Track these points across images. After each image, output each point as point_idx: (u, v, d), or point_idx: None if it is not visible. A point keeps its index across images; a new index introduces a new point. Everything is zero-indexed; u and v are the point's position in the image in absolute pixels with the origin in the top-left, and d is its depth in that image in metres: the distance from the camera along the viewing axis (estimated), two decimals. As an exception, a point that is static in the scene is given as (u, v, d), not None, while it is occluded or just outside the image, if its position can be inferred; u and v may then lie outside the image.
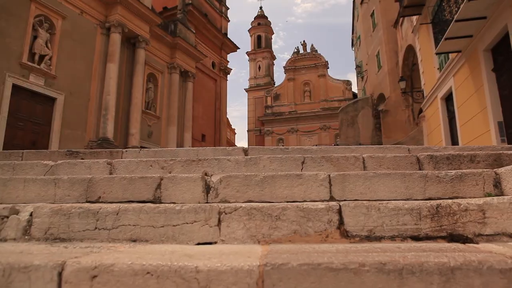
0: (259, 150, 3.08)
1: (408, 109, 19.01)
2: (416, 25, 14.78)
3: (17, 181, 2.04)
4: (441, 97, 12.82)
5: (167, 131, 23.41)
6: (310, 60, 42.64)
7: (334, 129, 39.96)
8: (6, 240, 1.49)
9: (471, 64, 10.12)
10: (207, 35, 27.35)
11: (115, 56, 18.53)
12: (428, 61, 14.13)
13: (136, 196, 2.01)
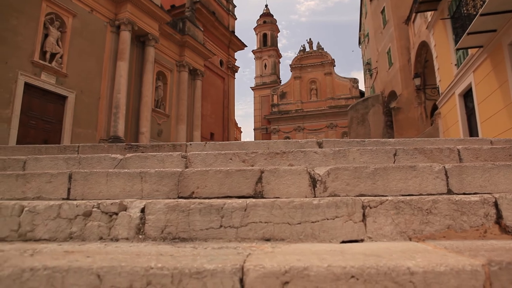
0: (334, 142, 2.94)
1: (421, 106, 18.83)
2: (431, 21, 14.59)
3: (98, 175, 1.92)
4: (459, 94, 12.64)
5: (176, 129, 23.35)
6: (316, 58, 42.44)
7: (341, 127, 39.79)
8: (117, 240, 1.35)
9: (494, 59, 9.94)
10: (215, 33, 27.24)
11: (125, 54, 18.47)
12: (444, 57, 13.94)
13: (235, 191, 1.85)
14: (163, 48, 21.91)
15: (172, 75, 23.13)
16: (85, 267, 0.90)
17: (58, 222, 1.38)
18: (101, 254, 1.09)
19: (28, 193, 2.05)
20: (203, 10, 25.45)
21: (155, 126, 21.97)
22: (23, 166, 2.68)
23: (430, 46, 15.45)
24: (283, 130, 42.31)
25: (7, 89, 13.98)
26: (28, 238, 1.37)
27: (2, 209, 1.39)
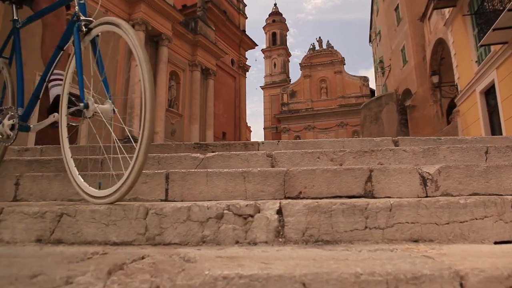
0: (410, 140, 2.92)
1: (436, 104, 18.67)
2: (450, 17, 14.44)
3: (197, 175, 1.88)
4: (480, 91, 12.50)
5: (189, 129, 23.40)
6: (326, 56, 42.29)
7: (351, 126, 39.64)
8: (256, 244, 1.30)
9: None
10: (226, 32, 27.25)
11: (139, 54, 18.54)
12: (464, 54, 13.79)
13: (344, 191, 1.82)
14: (175, 47, 21.96)
15: (185, 74, 23.18)
16: (287, 275, 0.88)
17: (189, 225, 1.35)
18: (266, 260, 1.06)
19: None
20: (214, 10, 25.47)
21: (169, 126, 22.02)
22: (99, 166, 2.68)
23: (448, 43, 15.28)
24: (293, 129, 42.25)
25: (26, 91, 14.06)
26: (157, 242, 1.34)
27: (127, 211, 1.38)
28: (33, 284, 0.93)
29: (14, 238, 1.42)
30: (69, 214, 1.40)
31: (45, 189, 2.07)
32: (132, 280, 0.92)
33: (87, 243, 1.37)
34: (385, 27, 24.12)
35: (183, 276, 0.93)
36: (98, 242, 1.37)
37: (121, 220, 1.38)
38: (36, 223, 1.42)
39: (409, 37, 19.56)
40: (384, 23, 24.35)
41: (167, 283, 0.89)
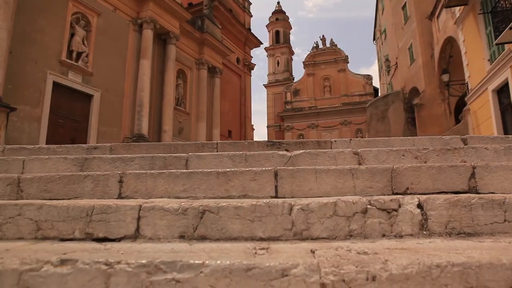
0: (478, 138, 2.97)
1: (444, 103, 18.74)
2: (461, 16, 14.48)
3: (306, 172, 1.93)
4: (492, 89, 12.55)
5: (196, 127, 23.41)
6: (329, 55, 42.31)
7: (355, 124, 39.71)
8: (402, 236, 1.36)
9: (535, 54, 9.86)
10: (232, 30, 27.23)
11: (148, 53, 18.54)
12: (475, 53, 13.84)
13: (448, 186, 1.88)
14: (182, 46, 21.95)
15: (192, 73, 23.18)
16: (497, 263, 0.92)
17: (336, 220, 1.39)
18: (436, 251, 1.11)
19: (232, 191, 2.07)
20: (220, 8, 25.45)
21: (176, 124, 22.02)
22: (185, 163, 2.71)
23: (458, 41, 15.33)
24: (297, 127, 42.27)
25: (37, 89, 14.08)
26: (304, 237, 1.38)
27: (272, 207, 1.41)
28: (249, 276, 0.97)
29: (157, 235, 1.46)
30: (212, 211, 1.44)
31: (150, 187, 2.12)
32: (344, 270, 0.97)
33: (232, 239, 1.40)
34: (391, 26, 24.16)
35: (392, 266, 0.97)
36: (244, 238, 1.40)
37: (266, 216, 1.42)
38: (178, 220, 1.46)
39: (417, 36, 19.61)
40: (390, 21, 24.39)
41: (382, 272, 0.93)
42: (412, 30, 20.39)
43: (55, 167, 2.72)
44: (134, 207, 1.54)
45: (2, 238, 1.65)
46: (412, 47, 20.57)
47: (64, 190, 2.21)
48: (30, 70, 13.71)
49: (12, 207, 1.69)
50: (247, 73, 29.65)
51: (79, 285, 1.11)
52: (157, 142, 18.90)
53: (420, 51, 19.72)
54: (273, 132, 43.87)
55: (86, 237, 1.60)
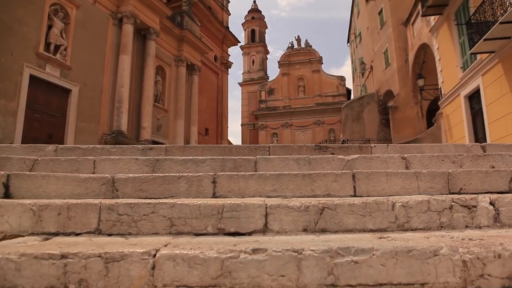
0: (495, 146, 3.37)
1: (417, 106, 19.72)
2: (436, 24, 15.33)
3: (379, 175, 2.23)
4: (464, 95, 13.41)
5: (175, 124, 23.27)
6: (304, 55, 43.07)
7: (328, 124, 40.70)
8: (480, 227, 1.72)
9: (506, 64, 10.67)
10: (210, 28, 27.21)
11: (127, 48, 18.25)
12: (448, 60, 14.70)
13: (494, 187, 2.25)
14: (162, 42, 21.74)
15: (171, 70, 23.00)
16: None
17: (429, 215, 1.70)
18: None
19: (316, 191, 2.34)
20: (199, 5, 25.37)
21: (155, 121, 21.80)
22: (254, 166, 2.92)
23: (432, 48, 16.21)
24: (271, 126, 42.76)
25: (13, 81, 13.59)
26: (405, 228, 1.68)
27: (379, 204, 1.69)
28: (409, 256, 1.26)
29: (283, 229, 1.70)
30: (330, 208, 1.71)
31: (242, 187, 2.34)
32: (475, 251, 1.28)
33: (347, 231, 1.68)
34: (367, 30, 25.04)
35: (509, 247, 1.29)
36: (358, 230, 1.69)
37: (375, 212, 1.71)
38: (301, 216, 1.72)
39: (392, 41, 20.46)
40: (366, 25, 25.26)
41: (503, 252, 1.26)
42: (388, 35, 21.24)
43: (127, 167, 2.85)
44: (261, 205, 1.77)
45: (138, 233, 1.83)
46: (388, 52, 21.42)
47: (159, 189, 2.38)
48: (6, 62, 13.18)
49: (145, 206, 1.85)
50: (225, 71, 29.73)
51: (275, 268, 1.35)
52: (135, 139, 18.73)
53: (395, 55, 20.58)
54: (247, 131, 44.17)
55: (219, 232, 1.81)
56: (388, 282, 1.35)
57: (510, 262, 1.34)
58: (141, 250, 1.39)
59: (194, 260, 1.35)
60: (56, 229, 1.82)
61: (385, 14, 21.42)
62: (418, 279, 1.36)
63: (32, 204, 1.83)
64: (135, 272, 1.33)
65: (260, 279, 1.33)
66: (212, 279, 1.33)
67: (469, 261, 1.35)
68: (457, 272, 1.36)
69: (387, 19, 21.27)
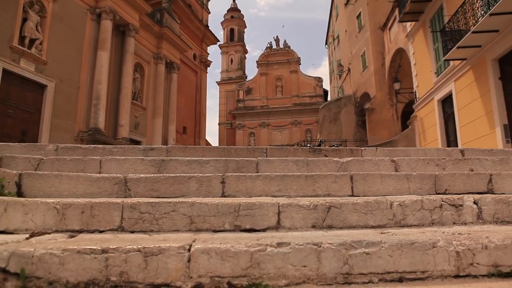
0: (473, 151, 3.65)
1: (393, 108, 20.38)
2: (412, 30, 15.93)
3: (374, 176, 2.43)
4: (438, 99, 14.03)
5: (153, 122, 23.08)
6: (283, 55, 43.48)
7: (305, 124, 41.27)
8: (466, 224, 1.94)
9: (476, 71, 11.27)
10: (190, 26, 27.10)
11: (106, 44, 17.97)
12: (423, 65, 15.32)
13: (474, 188, 2.50)
14: (141, 39, 21.50)
15: (149, 67, 22.79)
16: None
17: (422, 212, 1.91)
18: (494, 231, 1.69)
19: (318, 191, 2.52)
20: (179, 2, 25.23)
21: (132, 119, 21.54)
22: (256, 167, 3.06)
23: (408, 53, 16.82)
24: (248, 126, 42.94)
25: (-14, 79, 13.18)
26: (402, 224, 1.89)
27: (379, 203, 1.89)
28: (413, 248, 1.46)
29: (294, 225, 1.88)
30: (336, 206, 1.89)
31: (250, 187, 2.49)
32: (465, 243, 1.50)
33: (351, 227, 1.87)
34: (345, 33, 25.62)
35: (494, 240, 1.52)
36: (360, 226, 1.88)
37: (375, 210, 1.91)
38: (310, 214, 1.90)
39: (370, 44, 21.04)
40: (344, 28, 25.83)
41: (489, 243, 1.48)
42: (365, 38, 21.82)
43: (133, 167, 2.94)
44: (274, 204, 1.93)
45: (160, 230, 1.94)
46: (365, 55, 22.00)
47: (171, 189, 2.49)
48: (-22, 55, 12.78)
49: (166, 205, 1.97)
50: (203, 70, 29.67)
51: (298, 259, 1.51)
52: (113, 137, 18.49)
53: (372, 59, 21.17)
54: (224, 130, 44.19)
55: (235, 229, 1.95)
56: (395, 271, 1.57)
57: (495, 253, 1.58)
58: (177, 245, 1.52)
59: (226, 253, 1.50)
60: (79, 226, 1.91)
61: (363, 18, 21.99)
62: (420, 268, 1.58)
63: (55, 202, 1.91)
64: (173, 264, 1.47)
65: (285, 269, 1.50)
66: (242, 270, 1.49)
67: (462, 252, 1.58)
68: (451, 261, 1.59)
69: (365, 23, 21.84)
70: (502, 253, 1.60)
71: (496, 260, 1.58)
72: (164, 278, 1.45)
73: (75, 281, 1.40)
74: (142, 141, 21.71)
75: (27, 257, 1.36)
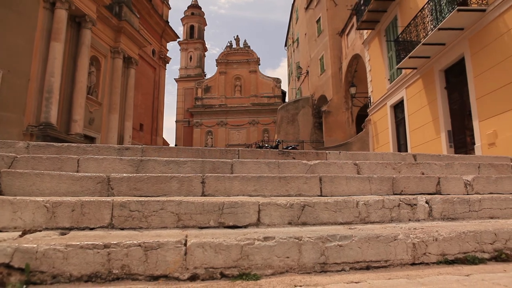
0: (423, 156, 4.03)
1: (348, 111, 21.31)
2: (368, 38, 16.79)
3: (340, 178, 2.65)
4: (390, 105, 14.93)
5: (108, 118, 22.41)
6: (242, 55, 43.69)
7: (262, 124, 41.81)
8: (419, 220, 2.23)
9: (425, 80, 12.16)
10: (150, 21, 26.55)
11: (60, 35, 17.22)
12: (378, 71, 16.21)
13: (425, 189, 2.81)
14: (98, 32, 20.79)
15: (106, 61, 22.09)
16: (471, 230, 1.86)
17: (383, 211, 2.16)
18: (442, 226, 2.02)
19: (290, 191, 2.71)
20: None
21: (87, 114, 20.81)
22: (231, 168, 3.18)
23: (364, 60, 17.69)
24: (206, 124, 42.74)
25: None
26: (366, 221, 2.12)
27: (347, 202, 2.12)
28: (378, 241, 1.71)
29: (273, 222, 2.07)
30: (309, 205, 2.11)
31: (228, 187, 2.65)
32: (420, 236, 1.80)
33: (323, 224, 2.10)
34: (305, 36, 26.32)
35: (443, 233, 1.82)
36: (331, 222, 2.11)
37: (344, 209, 2.15)
38: (287, 212, 2.10)
39: (328, 49, 21.81)
40: (304, 31, 26.52)
41: (438, 236, 1.79)
42: (324, 43, 22.58)
43: (111, 167, 2.96)
44: (255, 203, 2.10)
45: (149, 227, 2.03)
46: (324, 59, 22.76)
47: (153, 188, 2.57)
48: None
49: (155, 203, 2.06)
50: (162, 66, 29.18)
51: (282, 251, 1.70)
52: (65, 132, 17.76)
53: (330, 63, 21.96)
54: (181, 128, 43.66)
55: (219, 225, 2.10)
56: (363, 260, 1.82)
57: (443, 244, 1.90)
58: (174, 239, 1.66)
59: (219, 246, 1.67)
60: (70, 224, 1.97)
61: (323, 23, 22.73)
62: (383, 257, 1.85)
63: (45, 201, 1.95)
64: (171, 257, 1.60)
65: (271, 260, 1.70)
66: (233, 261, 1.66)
67: (417, 243, 1.87)
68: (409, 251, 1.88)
69: (324, 28, 22.59)
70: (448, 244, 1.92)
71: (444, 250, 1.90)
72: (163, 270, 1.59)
73: (78, 274, 1.49)
74: (97, 138, 21.04)
75: (31, 252, 1.44)
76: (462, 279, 1.67)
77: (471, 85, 9.52)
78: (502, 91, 8.38)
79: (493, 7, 8.64)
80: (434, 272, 1.81)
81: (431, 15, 10.06)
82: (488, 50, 8.85)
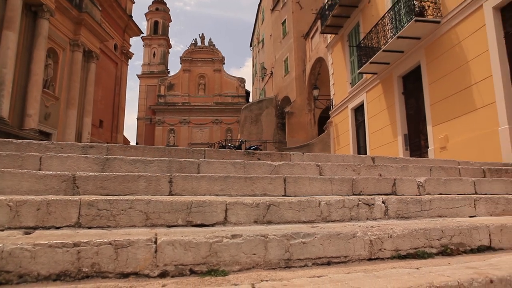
0: (381, 159, 4.24)
1: (311, 113, 21.80)
2: (331, 42, 17.28)
3: (304, 179, 2.74)
4: (351, 108, 15.47)
5: (66, 114, 21.54)
6: (207, 53, 43.39)
7: (225, 123, 41.77)
8: (375, 219, 2.38)
9: (384, 85, 12.72)
10: (112, 14, 25.77)
11: (14, 24, 16.35)
12: (340, 75, 16.73)
13: (382, 190, 2.98)
14: (56, 23, 19.90)
15: (65, 54, 21.20)
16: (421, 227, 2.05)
17: (344, 210, 2.29)
18: (396, 224, 2.19)
19: (256, 191, 2.77)
20: (101, -12, 23.86)
21: (43, 109, 19.88)
22: (197, 167, 3.18)
23: (328, 63, 18.18)
24: (168, 122, 42.06)
25: None
26: (327, 220, 2.24)
27: (310, 202, 2.22)
28: (339, 238, 1.84)
29: (239, 221, 2.15)
30: (275, 205, 2.21)
31: (195, 187, 2.68)
32: (376, 233, 1.95)
33: (287, 222, 2.20)
34: (270, 37, 26.61)
35: (396, 230, 1.99)
36: (294, 221, 2.22)
37: (307, 208, 2.27)
38: (253, 211, 2.19)
39: (293, 51, 22.19)
40: (269, 32, 26.80)
41: (393, 233, 1.94)
42: (289, 45, 22.94)
43: (76, 165, 2.88)
44: (222, 202, 2.15)
45: (117, 226, 2.02)
46: (288, 60, 23.12)
47: (120, 187, 2.54)
48: None
49: (123, 202, 2.05)
50: (124, 62, 28.40)
51: (249, 248, 1.76)
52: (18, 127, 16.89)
53: (294, 65, 22.35)
54: (143, 125, 42.71)
55: (187, 224, 2.13)
56: (324, 256, 1.94)
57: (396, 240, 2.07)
58: (144, 237, 1.68)
59: (189, 244, 1.72)
60: (35, 223, 1.93)
61: (288, 25, 23.08)
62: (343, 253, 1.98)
63: (8, 200, 1.90)
64: (141, 255, 1.63)
65: (238, 257, 1.77)
66: (202, 258, 1.72)
67: (374, 240, 2.02)
68: (366, 248, 2.02)
69: (289, 30, 22.95)
70: (402, 240, 2.09)
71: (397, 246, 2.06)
72: (134, 268, 1.61)
73: (46, 273, 1.49)
74: (53, 134, 20.16)
75: (-4, 252, 1.42)
76: (412, 271, 1.84)
77: (426, 92, 10.08)
78: (453, 98, 8.94)
79: (446, 19, 9.20)
80: (388, 266, 1.97)
81: (391, 23, 10.53)
82: (442, 60, 9.42)
